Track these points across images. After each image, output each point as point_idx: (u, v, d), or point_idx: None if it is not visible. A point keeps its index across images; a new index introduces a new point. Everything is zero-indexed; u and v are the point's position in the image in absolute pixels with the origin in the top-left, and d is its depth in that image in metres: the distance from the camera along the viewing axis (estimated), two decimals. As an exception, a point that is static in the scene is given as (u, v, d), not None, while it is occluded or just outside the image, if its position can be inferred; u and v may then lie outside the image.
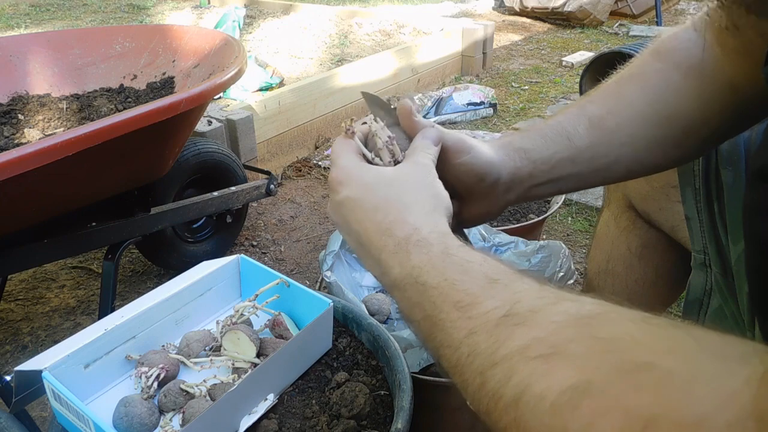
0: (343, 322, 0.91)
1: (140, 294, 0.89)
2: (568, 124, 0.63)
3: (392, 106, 0.62)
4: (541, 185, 0.62)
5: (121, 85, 1.69)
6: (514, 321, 0.37)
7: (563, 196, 1.57)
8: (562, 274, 1.20)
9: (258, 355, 0.80)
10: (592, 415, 0.30)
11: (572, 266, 1.22)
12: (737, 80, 0.59)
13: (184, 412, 0.72)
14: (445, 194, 0.52)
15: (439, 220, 0.49)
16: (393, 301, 1.20)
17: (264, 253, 1.79)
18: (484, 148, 0.60)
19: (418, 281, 0.45)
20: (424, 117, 2.64)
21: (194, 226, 1.66)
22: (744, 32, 0.56)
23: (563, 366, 0.33)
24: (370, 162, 0.57)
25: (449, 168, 0.58)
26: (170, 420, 0.74)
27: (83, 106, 1.61)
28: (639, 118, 0.62)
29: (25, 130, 1.51)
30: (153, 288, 0.87)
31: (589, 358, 0.33)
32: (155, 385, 0.75)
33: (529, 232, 1.48)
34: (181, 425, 0.70)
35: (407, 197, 0.51)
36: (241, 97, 2.77)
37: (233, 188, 1.58)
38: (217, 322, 0.86)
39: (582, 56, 3.54)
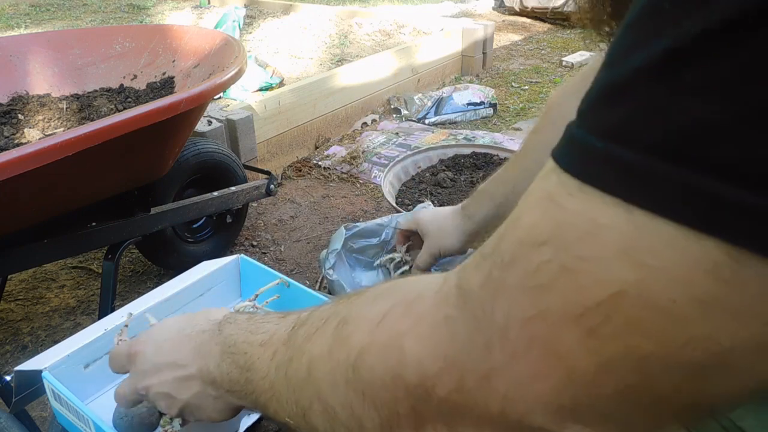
0: (343, 322, 0.91)
1: (140, 294, 0.89)
2: (505, 174, 0.84)
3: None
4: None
5: (121, 85, 1.69)
6: (299, 325, 0.46)
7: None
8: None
9: (258, 355, 0.80)
10: (349, 335, 0.38)
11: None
12: None
13: (184, 412, 0.72)
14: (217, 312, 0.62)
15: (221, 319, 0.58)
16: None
17: (264, 253, 1.79)
18: (449, 236, 0.86)
19: (228, 344, 0.52)
20: (424, 117, 2.65)
21: (194, 226, 1.66)
22: None
23: (330, 323, 0.41)
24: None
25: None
26: (170, 420, 0.74)
27: (83, 106, 1.61)
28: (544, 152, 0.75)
29: (25, 130, 1.51)
30: (153, 288, 0.87)
31: (348, 308, 0.41)
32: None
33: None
34: (181, 425, 0.70)
35: (203, 313, 0.60)
36: (241, 97, 2.77)
37: (233, 188, 1.57)
38: (217, 322, 0.85)
39: (582, 56, 3.54)
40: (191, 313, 0.62)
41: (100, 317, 1.17)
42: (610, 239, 0.25)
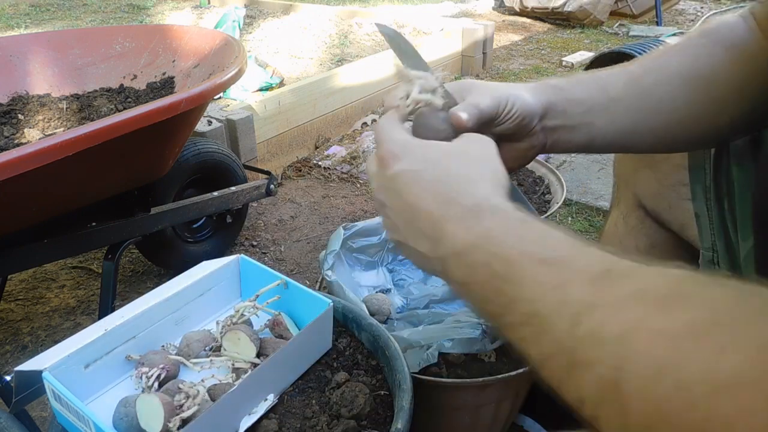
0: (343, 322, 0.91)
1: (140, 294, 0.89)
2: (606, 76, 0.63)
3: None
4: (575, 128, 0.61)
5: (121, 85, 1.69)
6: (618, 275, 0.34)
7: (563, 196, 1.56)
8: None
9: (258, 355, 0.80)
10: (721, 346, 0.27)
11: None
12: None
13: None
14: (505, 173, 0.50)
15: (505, 196, 0.47)
16: (392, 302, 1.20)
17: (264, 253, 1.79)
18: (516, 91, 0.59)
19: (489, 241, 0.42)
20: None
21: (194, 226, 1.66)
22: None
23: (682, 306, 0.30)
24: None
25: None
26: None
27: (83, 106, 1.61)
28: (677, 78, 0.62)
29: (25, 130, 1.51)
30: (153, 288, 0.87)
31: (708, 302, 0.30)
32: (156, 385, 0.75)
33: (529, 232, 1.48)
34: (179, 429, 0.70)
35: (470, 171, 0.48)
36: (241, 97, 2.77)
37: (233, 188, 1.57)
38: (217, 323, 0.86)
39: (582, 56, 3.54)
40: (464, 151, 0.50)
41: (100, 317, 1.17)
42: None
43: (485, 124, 0.56)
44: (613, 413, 0.30)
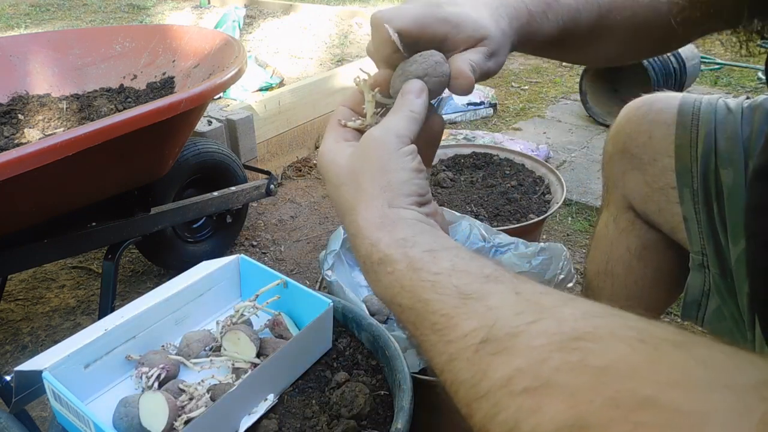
0: (343, 322, 0.91)
1: (140, 294, 0.89)
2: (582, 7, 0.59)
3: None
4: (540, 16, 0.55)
5: (121, 85, 1.69)
6: (494, 348, 0.35)
7: (563, 196, 1.56)
8: (562, 276, 1.20)
9: (258, 355, 0.80)
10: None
11: (572, 269, 1.22)
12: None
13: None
14: (411, 174, 0.45)
15: (396, 219, 0.43)
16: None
17: (264, 253, 1.79)
18: (473, 12, 0.50)
19: (394, 302, 0.42)
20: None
21: (194, 226, 1.66)
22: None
23: (552, 401, 0.30)
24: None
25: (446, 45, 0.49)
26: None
27: (83, 106, 1.61)
28: (633, 19, 0.63)
29: (25, 130, 1.51)
30: (153, 288, 0.87)
31: (580, 391, 0.30)
32: (156, 385, 0.75)
33: (529, 233, 1.48)
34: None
35: (357, 197, 0.45)
36: (241, 97, 2.77)
37: (233, 188, 1.58)
38: (217, 322, 0.86)
39: (582, 56, 3.53)
40: (347, 177, 0.46)
41: (100, 317, 1.17)
42: None
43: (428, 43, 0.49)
44: None
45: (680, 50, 2.43)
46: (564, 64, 3.46)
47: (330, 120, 0.51)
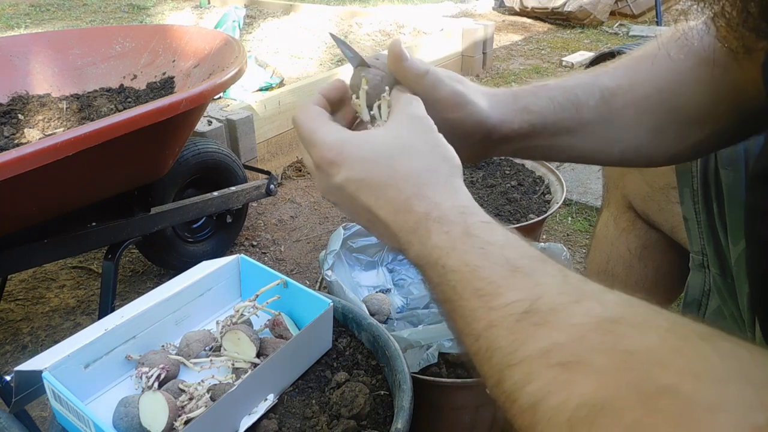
0: (343, 322, 0.91)
1: (140, 294, 0.89)
2: (581, 92, 0.60)
3: (376, 57, 0.56)
4: (536, 148, 0.61)
5: (121, 85, 1.69)
6: (535, 320, 0.36)
7: (563, 196, 1.57)
8: (562, 274, 1.20)
9: (258, 355, 0.80)
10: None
11: (572, 269, 1.22)
12: (745, 83, 0.58)
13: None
14: (453, 152, 0.49)
15: (457, 187, 0.46)
16: (392, 302, 1.20)
17: (264, 253, 1.79)
18: (482, 102, 0.56)
19: (438, 263, 0.42)
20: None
21: (194, 226, 1.66)
22: (754, 53, 0.55)
23: (583, 378, 0.32)
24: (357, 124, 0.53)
25: (440, 120, 0.52)
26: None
27: (83, 106, 1.61)
28: (646, 101, 0.61)
29: (25, 130, 1.51)
30: (153, 288, 0.87)
31: (609, 373, 0.31)
32: (156, 385, 0.75)
33: (529, 232, 1.48)
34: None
35: (418, 164, 0.46)
36: (241, 97, 2.77)
37: (233, 188, 1.58)
38: (217, 322, 0.86)
39: (582, 56, 3.54)
40: (405, 138, 0.48)
41: (100, 317, 1.17)
42: None
43: (438, 114, 0.53)
44: None
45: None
46: (564, 64, 3.46)
47: (311, 114, 0.51)
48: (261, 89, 2.93)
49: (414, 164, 0.46)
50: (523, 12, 4.61)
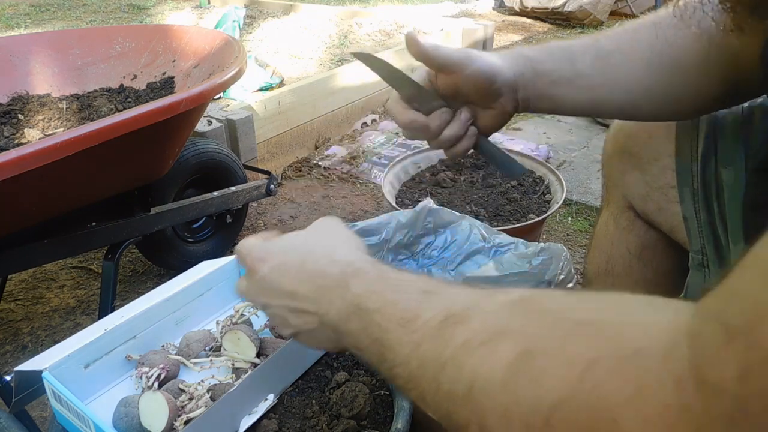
0: (343, 322, 0.91)
1: (140, 294, 0.89)
2: (577, 49, 0.67)
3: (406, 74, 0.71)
4: (542, 98, 0.67)
5: (121, 85, 1.69)
6: (453, 321, 0.39)
7: (563, 196, 1.57)
8: (562, 276, 1.20)
9: (258, 355, 0.80)
10: (539, 374, 0.32)
11: (572, 269, 1.22)
12: (741, 55, 0.61)
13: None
14: (358, 238, 0.57)
15: (365, 254, 0.54)
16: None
17: (264, 253, 1.78)
18: (487, 57, 0.65)
19: (360, 307, 0.47)
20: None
21: (194, 226, 1.66)
22: (748, 31, 0.57)
23: (505, 344, 0.35)
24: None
25: (460, 80, 0.64)
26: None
27: (83, 106, 1.61)
28: (643, 63, 0.65)
29: (25, 130, 1.51)
30: (153, 288, 0.87)
31: (527, 330, 0.35)
32: (156, 385, 0.75)
33: (529, 232, 1.47)
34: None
35: (329, 242, 0.55)
36: (241, 97, 2.77)
37: (233, 188, 1.58)
38: (217, 322, 0.86)
39: (582, 56, 3.53)
40: (314, 232, 0.58)
41: (100, 317, 1.17)
42: None
43: (450, 87, 0.66)
44: None
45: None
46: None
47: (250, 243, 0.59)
48: (261, 89, 2.93)
49: (325, 243, 0.55)
50: (523, 12, 4.61)
